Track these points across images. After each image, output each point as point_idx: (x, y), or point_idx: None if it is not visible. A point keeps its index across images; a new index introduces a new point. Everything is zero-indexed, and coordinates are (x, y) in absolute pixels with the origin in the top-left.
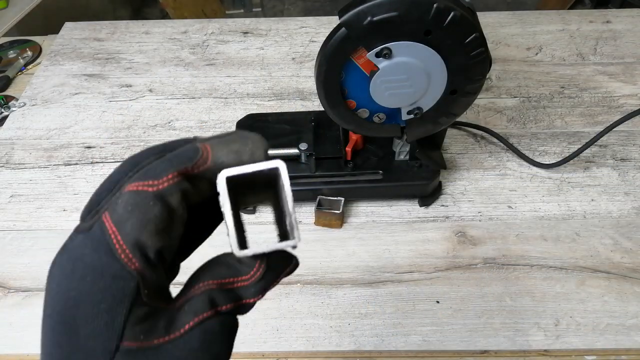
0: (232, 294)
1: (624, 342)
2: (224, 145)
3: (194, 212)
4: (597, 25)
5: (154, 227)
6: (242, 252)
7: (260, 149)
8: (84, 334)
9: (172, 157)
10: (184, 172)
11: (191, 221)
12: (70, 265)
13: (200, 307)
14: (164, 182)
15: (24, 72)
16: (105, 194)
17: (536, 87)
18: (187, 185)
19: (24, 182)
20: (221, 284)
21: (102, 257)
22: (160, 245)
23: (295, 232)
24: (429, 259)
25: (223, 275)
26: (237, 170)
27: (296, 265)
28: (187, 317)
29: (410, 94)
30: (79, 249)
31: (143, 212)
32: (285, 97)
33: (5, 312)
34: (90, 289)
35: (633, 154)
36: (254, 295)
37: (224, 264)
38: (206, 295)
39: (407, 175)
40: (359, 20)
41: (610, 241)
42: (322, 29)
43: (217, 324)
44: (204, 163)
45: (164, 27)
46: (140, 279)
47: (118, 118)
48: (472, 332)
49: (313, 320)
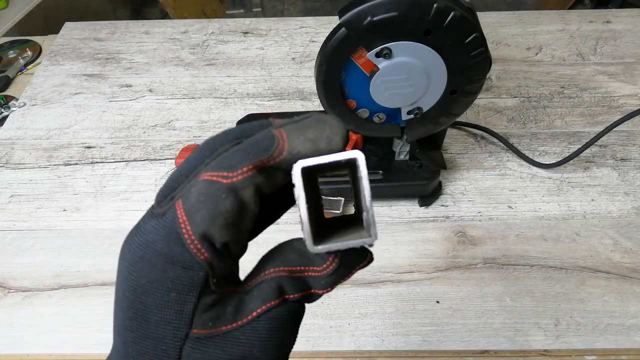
0: (301, 282)
1: (624, 342)
2: (300, 132)
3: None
4: (597, 25)
5: (223, 221)
6: (316, 247)
7: (338, 135)
8: (154, 321)
9: (248, 147)
10: (260, 165)
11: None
12: (141, 251)
13: (268, 294)
14: (237, 175)
15: (24, 72)
16: (182, 178)
17: (536, 87)
18: (261, 179)
19: (24, 182)
20: (291, 271)
21: (173, 246)
22: (228, 238)
23: (373, 230)
24: (429, 259)
25: (294, 263)
26: (314, 161)
27: (371, 260)
28: (255, 303)
29: (410, 94)
30: (151, 234)
31: (214, 205)
32: (285, 97)
33: (5, 312)
34: (160, 277)
35: (633, 154)
36: (324, 288)
37: (296, 250)
38: (275, 282)
39: (407, 175)
40: (359, 20)
41: (610, 241)
42: (322, 29)
43: (284, 312)
44: (280, 154)
45: (164, 27)
46: (209, 268)
47: (118, 118)
48: (472, 332)
49: (313, 320)
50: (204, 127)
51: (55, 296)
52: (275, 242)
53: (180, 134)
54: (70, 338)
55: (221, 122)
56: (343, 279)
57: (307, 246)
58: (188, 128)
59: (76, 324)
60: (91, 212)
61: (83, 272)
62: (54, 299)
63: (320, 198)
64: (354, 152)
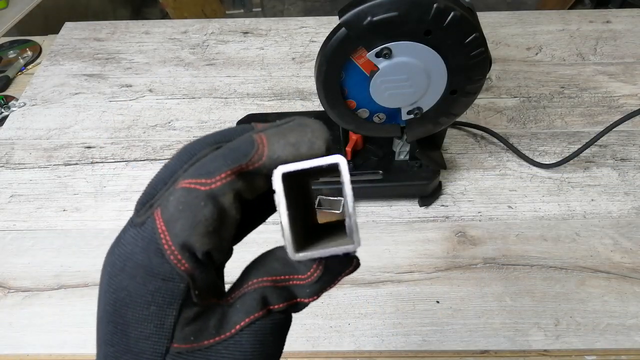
0: (286, 292)
1: (624, 342)
2: (281, 136)
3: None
4: (597, 25)
5: (204, 229)
6: (297, 255)
7: (320, 139)
8: (134, 336)
9: (227, 152)
10: (238, 170)
11: (245, 208)
12: (121, 263)
13: (252, 306)
14: (216, 182)
15: (24, 72)
16: (161, 185)
17: (536, 87)
18: (241, 184)
19: (24, 182)
20: (275, 280)
21: (152, 257)
22: (209, 247)
23: (355, 236)
24: (429, 259)
25: (278, 272)
26: (294, 167)
27: (357, 266)
28: (238, 316)
29: (410, 94)
30: (131, 246)
31: (193, 213)
32: (285, 97)
33: (5, 312)
34: (140, 290)
35: (633, 154)
36: (309, 296)
37: (279, 259)
38: (258, 293)
39: (407, 175)
40: (359, 20)
41: (610, 241)
42: (322, 29)
43: (268, 324)
44: (259, 159)
45: (164, 27)
46: (190, 280)
47: (118, 118)
48: (472, 332)
49: (313, 320)
50: (204, 127)
51: (55, 296)
52: (275, 243)
53: (180, 134)
54: (70, 338)
55: (221, 122)
56: (329, 286)
57: (289, 254)
58: (188, 128)
59: (76, 324)
60: (91, 212)
61: (83, 272)
62: (54, 299)
63: (311, 202)
64: (335, 157)
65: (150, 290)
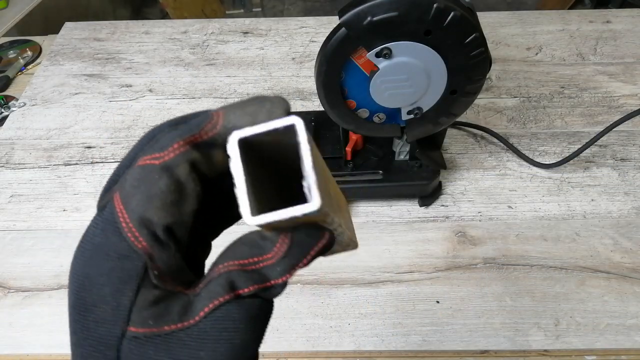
0: (256, 275)
1: (624, 342)
2: (238, 107)
3: (225, 189)
4: (597, 25)
5: (160, 202)
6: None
7: (280, 108)
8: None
9: (182, 127)
10: (192, 141)
11: (222, 198)
12: (82, 248)
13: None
14: (169, 153)
15: (24, 72)
16: (123, 170)
17: (536, 87)
18: (195, 154)
19: (24, 182)
20: (243, 264)
21: (110, 236)
22: (168, 221)
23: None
24: (429, 259)
25: (245, 255)
26: (250, 131)
27: (331, 240)
28: (202, 302)
29: (410, 94)
30: (92, 229)
31: (148, 187)
32: (285, 97)
33: (5, 312)
34: (96, 272)
35: (633, 154)
36: (281, 275)
37: (246, 243)
38: (224, 278)
39: (407, 175)
40: (359, 20)
41: (610, 241)
42: (322, 29)
43: (235, 309)
44: (214, 128)
45: (164, 27)
46: (148, 259)
47: (118, 118)
48: (472, 332)
49: (313, 320)
50: None
51: (55, 296)
52: None
53: None
54: None
55: None
56: (299, 262)
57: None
58: None
59: None
60: (91, 212)
61: None
62: (54, 299)
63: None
64: (290, 117)
65: (106, 270)
